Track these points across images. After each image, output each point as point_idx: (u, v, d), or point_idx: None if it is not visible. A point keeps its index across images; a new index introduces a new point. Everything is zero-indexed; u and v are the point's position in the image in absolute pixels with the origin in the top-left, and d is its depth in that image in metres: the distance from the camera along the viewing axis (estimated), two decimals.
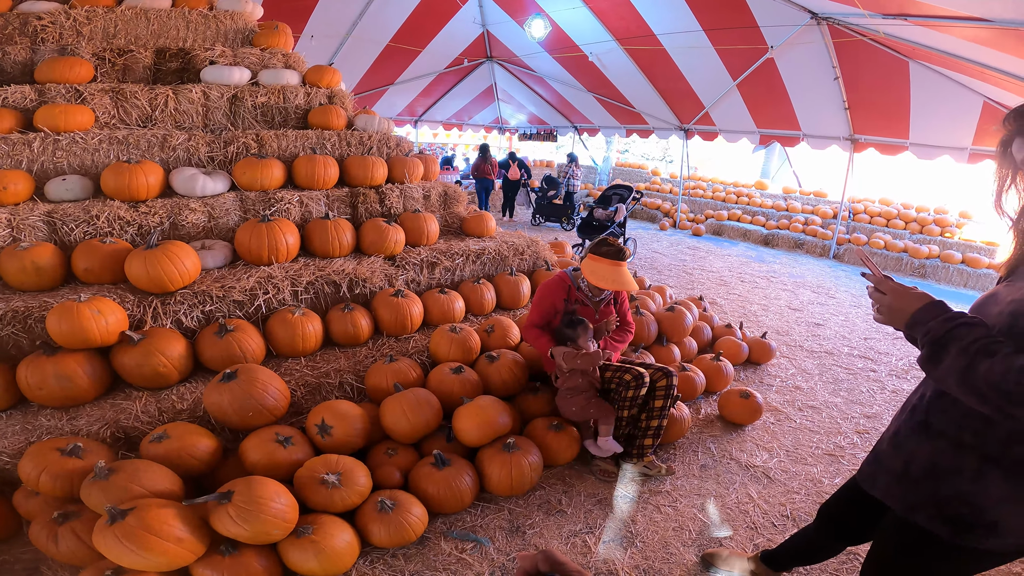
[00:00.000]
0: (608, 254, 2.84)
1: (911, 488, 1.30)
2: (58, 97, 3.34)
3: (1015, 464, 1.15)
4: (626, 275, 2.84)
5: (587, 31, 8.78)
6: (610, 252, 2.84)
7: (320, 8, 8.00)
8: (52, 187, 3.05)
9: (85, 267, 2.75)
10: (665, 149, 24.37)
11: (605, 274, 2.80)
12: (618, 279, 2.81)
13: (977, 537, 1.21)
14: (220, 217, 3.33)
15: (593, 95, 11.06)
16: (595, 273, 2.81)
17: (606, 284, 2.79)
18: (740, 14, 6.94)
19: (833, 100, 7.78)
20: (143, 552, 1.65)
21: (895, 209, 10.01)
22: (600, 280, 2.79)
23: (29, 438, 2.19)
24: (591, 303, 2.98)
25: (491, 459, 2.55)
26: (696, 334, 4.28)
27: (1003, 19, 3.91)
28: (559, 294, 2.96)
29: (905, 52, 6.25)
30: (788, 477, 2.92)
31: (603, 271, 2.80)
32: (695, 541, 2.41)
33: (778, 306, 6.22)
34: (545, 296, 2.97)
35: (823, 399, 3.88)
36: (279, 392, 2.46)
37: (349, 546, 2.04)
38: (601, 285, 2.79)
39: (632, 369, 2.76)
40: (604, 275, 2.79)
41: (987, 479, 1.17)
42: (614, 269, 2.81)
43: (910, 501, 1.30)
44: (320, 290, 3.18)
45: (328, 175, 3.67)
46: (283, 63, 4.29)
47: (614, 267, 2.81)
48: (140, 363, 2.45)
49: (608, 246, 2.87)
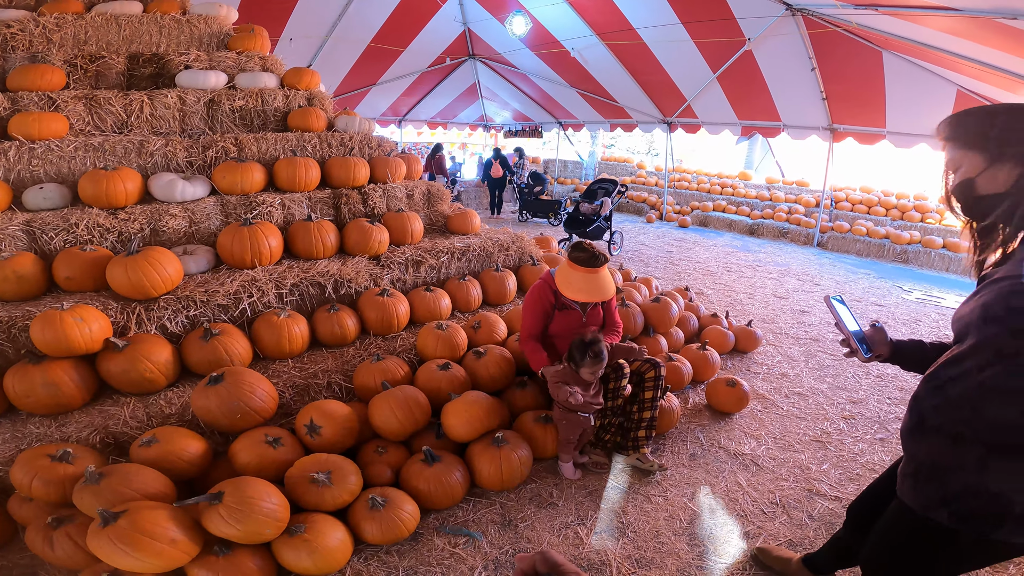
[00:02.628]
0: (582, 260, 2.68)
1: (921, 488, 1.31)
2: (31, 105, 3.29)
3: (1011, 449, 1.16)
4: (601, 283, 2.68)
5: (568, 27, 8.81)
6: (584, 259, 2.68)
7: (299, 10, 7.95)
8: (30, 196, 3.01)
9: (66, 275, 2.72)
10: (650, 142, 24.49)
11: (580, 285, 2.67)
12: (592, 289, 2.66)
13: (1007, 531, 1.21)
14: (201, 222, 3.31)
15: (576, 90, 11.10)
16: (570, 285, 2.68)
17: (580, 296, 2.66)
18: (717, 6, 7.02)
19: (811, 91, 7.90)
20: (137, 553, 1.65)
21: (876, 196, 10.17)
22: (574, 292, 2.66)
23: (19, 445, 2.20)
24: (577, 306, 2.89)
25: (481, 454, 2.56)
26: (683, 324, 4.33)
27: (969, 8, 3.99)
28: (547, 297, 2.87)
29: (878, 42, 6.35)
30: (776, 464, 2.96)
31: (577, 281, 2.68)
32: (686, 530, 2.44)
33: (764, 294, 6.30)
34: (534, 302, 2.88)
35: (809, 386, 3.94)
36: (267, 394, 2.46)
37: (342, 544, 2.05)
38: (575, 297, 2.68)
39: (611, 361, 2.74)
40: (578, 286, 2.67)
41: (991, 469, 1.18)
42: (588, 278, 2.67)
43: (921, 501, 1.31)
44: (305, 292, 3.18)
45: (309, 177, 3.66)
46: (260, 66, 4.26)
47: (588, 275, 2.68)
48: (126, 369, 2.44)
49: (582, 251, 2.71)
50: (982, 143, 1.19)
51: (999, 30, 4.10)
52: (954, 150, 1.25)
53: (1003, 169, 1.17)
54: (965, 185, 1.23)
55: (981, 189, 1.21)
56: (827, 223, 9.80)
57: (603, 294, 2.70)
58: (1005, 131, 1.17)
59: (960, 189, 1.25)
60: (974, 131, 1.21)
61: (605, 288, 2.71)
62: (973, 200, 1.23)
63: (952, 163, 1.26)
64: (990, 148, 1.18)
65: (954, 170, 1.27)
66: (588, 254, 2.70)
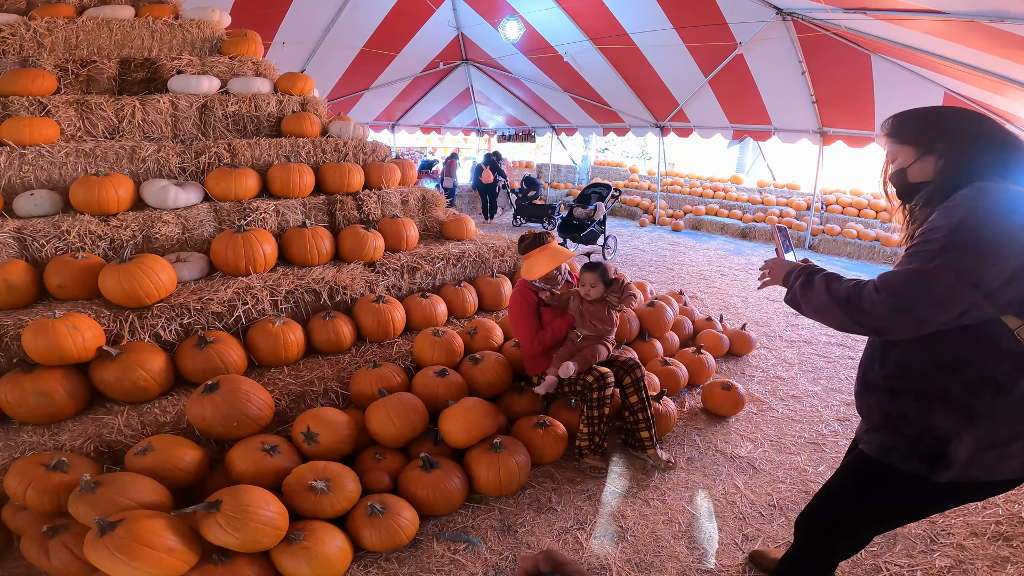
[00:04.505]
0: (531, 245, 2.97)
1: (877, 436, 1.48)
2: (22, 110, 3.26)
3: (945, 394, 1.31)
4: (556, 251, 2.89)
5: (561, 31, 8.84)
6: (527, 245, 2.98)
7: (291, 15, 7.91)
8: (20, 202, 2.98)
9: (58, 283, 2.69)
10: (643, 146, 24.60)
11: (541, 262, 2.86)
12: (552, 256, 2.86)
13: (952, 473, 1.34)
14: (194, 229, 3.29)
15: (569, 95, 11.14)
16: (533, 269, 2.88)
17: (547, 267, 2.84)
18: (708, 11, 7.07)
19: (801, 94, 7.97)
20: (135, 563, 1.63)
21: (866, 199, 10.26)
22: (541, 269, 2.85)
23: (12, 454, 2.18)
24: (560, 303, 2.98)
25: (479, 460, 2.56)
26: (677, 328, 4.34)
27: (957, 11, 4.04)
28: (529, 297, 2.95)
29: (867, 46, 6.42)
30: (773, 467, 2.98)
31: (536, 263, 2.87)
32: (685, 533, 2.45)
33: (757, 297, 6.33)
34: (519, 311, 2.94)
35: (804, 388, 3.97)
36: (263, 402, 2.44)
37: (342, 551, 2.03)
38: (545, 271, 2.85)
39: (595, 370, 2.79)
40: (541, 264, 2.85)
41: (933, 414, 1.34)
42: (544, 254, 2.88)
43: (879, 445, 1.47)
44: (300, 299, 3.16)
45: (304, 183, 3.64)
46: (253, 71, 4.24)
47: (543, 252, 2.89)
48: (120, 378, 2.41)
49: (523, 239, 3.03)
50: (915, 139, 1.40)
51: (985, 32, 4.16)
52: (892, 144, 1.46)
53: (929, 161, 1.38)
54: (900, 174, 1.45)
55: (912, 177, 1.43)
56: (818, 226, 9.87)
57: (562, 255, 2.89)
58: (934, 131, 1.38)
59: (895, 177, 1.47)
60: (910, 129, 1.42)
61: (558, 253, 2.90)
62: (905, 187, 1.45)
63: (891, 155, 1.47)
64: (921, 144, 1.39)
65: (892, 161, 1.48)
66: (531, 237, 3.01)
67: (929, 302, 1.22)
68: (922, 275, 1.23)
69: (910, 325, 1.26)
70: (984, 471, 1.33)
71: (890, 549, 2.35)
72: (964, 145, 1.33)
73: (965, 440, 1.31)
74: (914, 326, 1.26)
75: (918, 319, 1.24)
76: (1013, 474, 1.34)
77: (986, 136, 1.33)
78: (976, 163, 1.31)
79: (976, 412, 1.29)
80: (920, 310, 1.23)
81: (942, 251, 1.21)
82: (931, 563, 2.28)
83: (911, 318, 1.25)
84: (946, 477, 1.35)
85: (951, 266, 1.19)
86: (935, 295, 1.21)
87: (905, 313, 1.25)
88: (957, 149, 1.33)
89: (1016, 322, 1.24)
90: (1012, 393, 1.27)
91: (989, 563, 2.30)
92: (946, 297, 1.21)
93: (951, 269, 1.19)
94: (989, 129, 1.35)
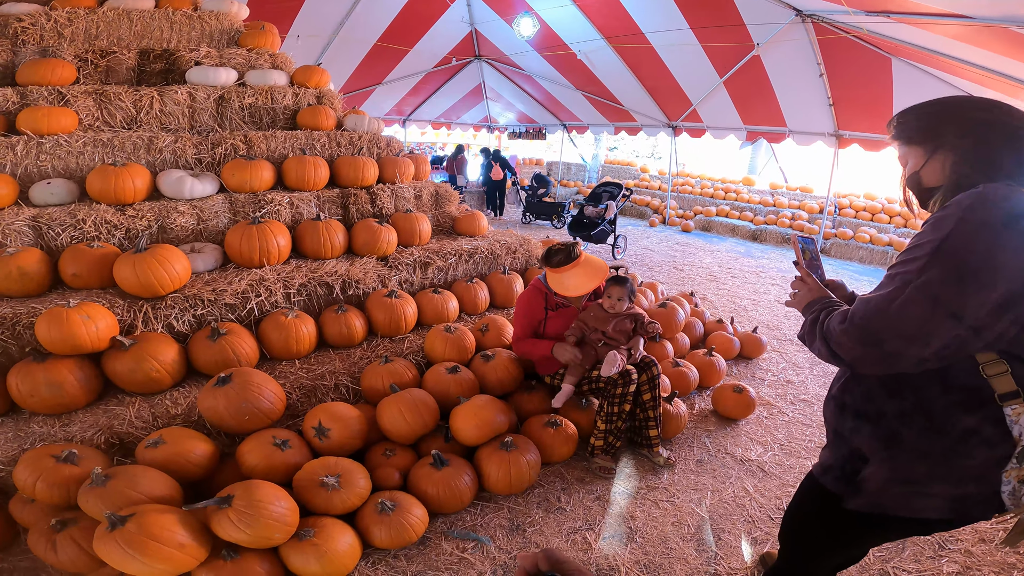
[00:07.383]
0: (558, 263, 2.80)
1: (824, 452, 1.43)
2: (40, 99, 3.28)
3: (878, 416, 1.22)
4: (591, 267, 2.77)
5: (576, 29, 8.79)
6: (559, 260, 2.79)
7: (306, 8, 7.93)
8: (37, 191, 3.00)
9: (73, 272, 2.70)
10: (654, 146, 24.49)
11: (574, 282, 2.77)
12: (589, 276, 2.76)
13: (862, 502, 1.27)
14: (209, 220, 3.29)
15: (582, 93, 11.09)
16: (565, 287, 2.79)
17: (582, 289, 2.76)
18: (727, 12, 7.00)
19: (818, 96, 7.87)
20: (145, 558, 1.63)
21: (880, 204, 10.16)
22: (575, 290, 2.76)
23: (22, 445, 2.16)
24: (572, 302, 2.97)
25: (489, 458, 2.55)
26: (688, 330, 4.31)
27: (984, 16, 3.97)
28: (538, 303, 2.94)
29: (888, 49, 6.34)
30: (783, 471, 2.95)
31: (569, 280, 2.77)
32: (694, 536, 2.43)
33: (768, 300, 6.28)
34: (526, 308, 2.95)
35: (814, 392, 3.93)
36: (274, 395, 2.44)
37: (351, 548, 2.03)
38: (579, 293, 2.77)
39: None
40: (574, 283, 2.76)
41: (861, 434, 1.25)
42: (576, 272, 2.77)
43: (821, 462, 1.42)
44: (313, 292, 3.16)
45: (318, 176, 3.64)
46: (270, 63, 4.24)
47: (575, 270, 2.77)
48: (132, 368, 2.41)
49: (555, 253, 2.82)
50: (919, 137, 1.24)
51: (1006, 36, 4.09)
52: (901, 146, 1.30)
53: (939, 159, 1.20)
54: (914, 178, 1.28)
55: (927, 181, 1.25)
56: (830, 229, 9.78)
57: (599, 273, 2.78)
58: (937, 123, 1.20)
59: (911, 182, 1.29)
60: (912, 126, 1.25)
61: (596, 269, 2.79)
62: (922, 192, 1.28)
63: (902, 158, 1.31)
64: (927, 141, 1.22)
65: (904, 165, 1.31)
66: (563, 253, 2.81)
67: (899, 335, 1.04)
68: (891, 303, 1.05)
69: (879, 361, 1.09)
70: (893, 505, 1.22)
71: (898, 555, 2.33)
72: (973, 135, 1.14)
73: (881, 468, 1.21)
74: (884, 363, 1.09)
75: (887, 354, 1.07)
76: (934, 513, 1.19)
77: (1000, 124, 1.13)
78: (990, 157, 1.12)
79: (899, 441, 1.17)
80: (889, 344, 1.06)
81: (919, 272, 1.03)
82: (939, 569, 2.26)
83: (880, 354, 1.08)
84: (855, 504, 1.26)
85: (927, 292, 1.02)
86: (905, 327, 1.03)
87: (873, 348, 1.08)
88: (966, 141, 1.15)
89: (987, 355, 1.07)
90: (946, 432, 1.12)
91: (997, 569, 2.27)
92: (919, 330, 1.02)
93: (927, 296, 1.02)
94: (1003, 115, 1.14)
